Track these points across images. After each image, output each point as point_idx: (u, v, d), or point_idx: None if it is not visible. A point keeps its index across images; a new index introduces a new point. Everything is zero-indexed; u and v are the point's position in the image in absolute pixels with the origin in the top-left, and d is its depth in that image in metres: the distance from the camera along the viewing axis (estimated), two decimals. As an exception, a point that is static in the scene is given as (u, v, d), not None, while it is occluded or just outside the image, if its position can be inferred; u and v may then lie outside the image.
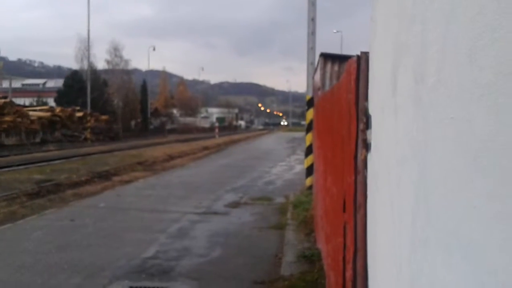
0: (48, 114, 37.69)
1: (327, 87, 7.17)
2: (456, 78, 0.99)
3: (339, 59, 7.72)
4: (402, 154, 1.54)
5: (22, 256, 6.10)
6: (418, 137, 1.28)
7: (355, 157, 2.33)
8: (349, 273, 2.41)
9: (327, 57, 7.76)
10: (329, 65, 7.60)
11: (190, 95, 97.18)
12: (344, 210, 2.85)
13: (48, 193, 11.50)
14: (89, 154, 23.61)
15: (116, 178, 14.63)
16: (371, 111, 2.19)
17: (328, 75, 7.54)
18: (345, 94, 2.78)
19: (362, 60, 2.33)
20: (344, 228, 2.81)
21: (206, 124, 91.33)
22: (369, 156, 2.19)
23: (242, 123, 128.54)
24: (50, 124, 37.15)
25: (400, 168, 1.56)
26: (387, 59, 1.82)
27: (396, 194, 1.64)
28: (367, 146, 2.20)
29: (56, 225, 7.93)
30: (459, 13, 0.99)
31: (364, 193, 2.23)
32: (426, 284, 1.16)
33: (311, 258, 5.72)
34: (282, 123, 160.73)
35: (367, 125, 2.22)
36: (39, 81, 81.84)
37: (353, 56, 2.86)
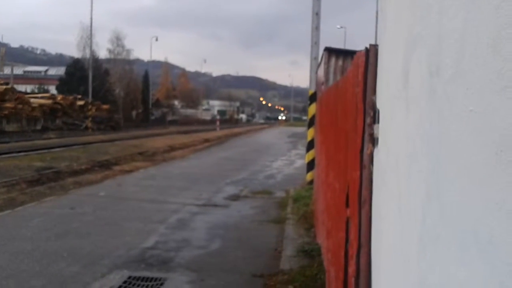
0: (49, 101, 37.65)
1: (331, 82, 7.12)
2: (477, 70, 0.95)
3: (344, 54, 7.67)
4: (412, 149, 1.50)
5: (21, 243, 6.09)
6: (431, 131, 1.24)
7: (361, 152, 2.30)
8: (352, 269, 2.38)
9: (331, 51, 7.71)
10: (333, 60, 7.54)
11: (192, 87, 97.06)
12: (347, 205, 2.81)
13: (48, 180, 11.49)
14: (89, 143, 23.60)
15: (116, 168, 14.63)
16: (379, 105, 2.15)
17: (332, 69, 7.48)
18: (352, 88, 2.74)
19: (371, 53, 2.29)
20: (347, 223, 2.78)
21: (207, 116, 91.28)
22: (375, 151, 2.15)
23: (243, 116, 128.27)
24: (51, 111, 37.13)
25: (410, 163, 1.53)
26: (398, 51, 1.78)
27: (405, 190, 1.60)
28: (373, 141, 2.16)
29: (55, 213, 7.91)
30: (481, 1, 0.95)
31: (369, 188, 2.19)
32: (437, 282, 1.13)
33: (310, 253, 5.70)
34: (280, 117, 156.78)
35: (374, 120, 2.18)
36: (41, 68, 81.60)
37: (358, 51, 2.81)
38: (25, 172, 12.32)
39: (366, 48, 2.45)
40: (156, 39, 66.12)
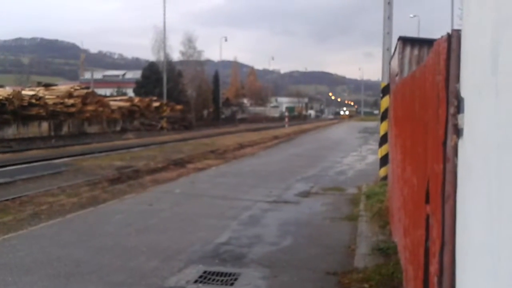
0: (127, 104, 39.70)
1: (405, 73, 6.83)
2: None
3: (419, 43, 7.32)
4: (504, 139, 1.38)
5: (103, 238, 6.44)
6: (529, 117, 1.13)
7: (444, 144, 2.16)
8: (434, 267, 2.25)
9: (406, 41, 7.38)
10: (408, 50, 7.22)
11: (260, 85, 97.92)
12: (427, 201, 2.67)
13: (128, 178, 12.12)
14: (165, 142, 24.58)
15: (190, 166, 15.10)
16: (464, 93, 2.01)
17: (407, 60, 7.17)
18: (431, 77, 2.60)
19: (454, 39, 2.15)
20: (427, 220, 2.64)
21: (275, 113, 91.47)
22: (460, 143, 2.01)
23: (312, 112, 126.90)
24: (129, 113, 39.11)
25: (502, 154, 1.41)
26: (484, 35, 1.65)
27: (495, 184, 1.48)
28: (458, 132, 2.03)
29: (135, 210, 8.30)
30: None
31: (453, 183, 2.06)
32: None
33: (386, 251, 5.51)
34: (342, 112, 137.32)
35: (458, 109, 2.04)
36: (119, 72, 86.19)
37: (435, 39, 2.65)
38: (107, 171, 13.08)
39: (448, 33, 2.31)
40: (226, 39, 67.35)
